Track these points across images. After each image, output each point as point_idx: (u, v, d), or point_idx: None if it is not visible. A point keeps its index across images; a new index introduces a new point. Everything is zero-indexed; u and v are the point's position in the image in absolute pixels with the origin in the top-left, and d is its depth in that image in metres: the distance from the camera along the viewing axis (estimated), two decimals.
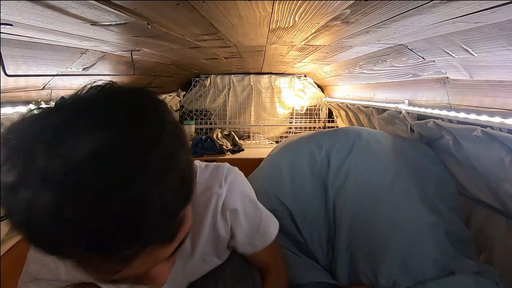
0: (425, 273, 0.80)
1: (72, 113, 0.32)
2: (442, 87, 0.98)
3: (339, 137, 1.07)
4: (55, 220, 0.28)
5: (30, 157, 0.29)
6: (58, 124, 0.31)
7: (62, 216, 0.28)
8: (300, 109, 2.67)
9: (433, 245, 0.84)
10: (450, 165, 1.09)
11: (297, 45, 1.11)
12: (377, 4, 0.55)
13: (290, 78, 2.60)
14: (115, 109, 0.33)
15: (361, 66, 1.38)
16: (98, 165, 0.29)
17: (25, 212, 0.29)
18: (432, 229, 0.86)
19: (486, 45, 0.67)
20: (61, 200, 0.28)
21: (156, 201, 0.31)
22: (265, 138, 2.76)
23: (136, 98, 0.36)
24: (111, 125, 0.31)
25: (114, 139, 0.30)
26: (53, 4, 0.50)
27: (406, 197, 0.91)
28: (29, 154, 0.29)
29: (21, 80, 0.85)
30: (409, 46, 0.92)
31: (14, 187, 0.29)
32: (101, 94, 0.35)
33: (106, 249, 0.30)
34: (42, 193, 0.28)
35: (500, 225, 0.93)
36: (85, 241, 0.29)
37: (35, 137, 0.30)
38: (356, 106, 1.77)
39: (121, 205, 0.29)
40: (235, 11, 0.62)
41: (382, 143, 1.07)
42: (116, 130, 0.31)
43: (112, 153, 0.30)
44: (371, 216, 0.90)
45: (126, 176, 0.29)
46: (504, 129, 0.78)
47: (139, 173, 0.30)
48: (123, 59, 1.22)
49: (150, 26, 0.69)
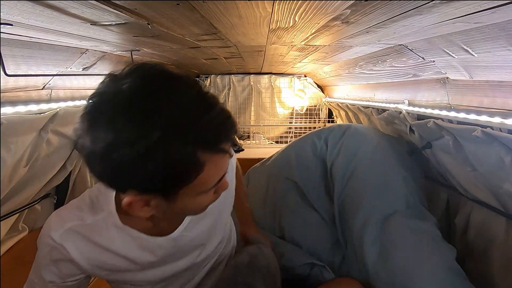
0: (395, 205, 1.06)
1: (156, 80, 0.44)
2: (442, 87, 0.98)
3: (333, 128, 1.38)
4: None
5: (148, 111, 0.41)
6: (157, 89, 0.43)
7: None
8: (300, 109, 2.67)
9: (403, 186, 1.10)
10: (450, 165, 1.09)
11: (297, 45, 1.11)
12: (377, 4, 0.55)
13: (290, 78, 2.60)
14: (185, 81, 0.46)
15: (361, 66, 1.38)
16: (198, 107, 0.44)
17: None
18: (404, 179, 1.12)
19: (486, 46, 0.67)
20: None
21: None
22: (265, 138, 2.76)
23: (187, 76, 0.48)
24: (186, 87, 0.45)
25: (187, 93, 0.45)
26: (53, 4, 0.50)
27: (385, 158, 1.19)
28: (151, 109, 0.41)
29: (21, 80, 0.85)
30: (409, 46, 0.92)
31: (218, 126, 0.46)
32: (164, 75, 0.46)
33: (229, 137, 0.48)
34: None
35: (500, 225, 0.93)
36: (226, 133, 0.47)
37: (145, 101, 0.41)
38: (356, 106, 1.77)
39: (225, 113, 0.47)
40: (235, 11, 0.62)
41: (368, 129, 1.37)
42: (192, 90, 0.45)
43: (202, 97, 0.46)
44: (356, 173, 1.16)
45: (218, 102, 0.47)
46: (504, 129, 0.78)
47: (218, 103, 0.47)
48: (123, 59, 1.22)
49: (150, 26, 0.69)
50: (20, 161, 0.88)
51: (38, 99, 0.95)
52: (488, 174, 0.91)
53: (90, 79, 1.18)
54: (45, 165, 1.04)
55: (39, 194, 1.09)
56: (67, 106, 1.03)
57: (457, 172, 1.07)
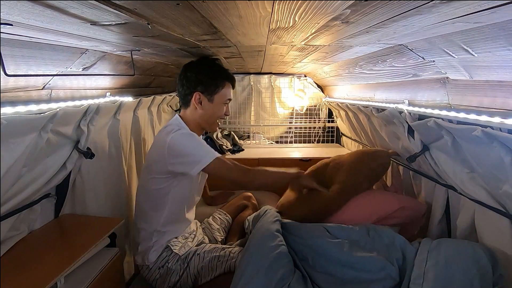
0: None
1: (210, 63, 1.28)
2: (442, 87, 0.98)
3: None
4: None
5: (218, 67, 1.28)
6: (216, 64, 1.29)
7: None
8: (300, 109, 2.67)
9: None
10: (450, 165, 1.10)
11: (297, 45, 1.11)
12: (377, 4, 0.55)
13: (290, 78, 2.60)
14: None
15: (361, 66, 1.38)
16: (223, 68, 1.30)
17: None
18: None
19: (486, 45, 0.67)
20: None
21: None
22: (265, 138, 2.76)
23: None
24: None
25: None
26: (53, 4, 0.50)
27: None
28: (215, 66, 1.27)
29: (21, 80, 0.85)
30: (409, 46, 0.92)
31: (226, 73, 1.27)
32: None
33: (232, 79, 1.28)
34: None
35: (501, 225, 0.93)
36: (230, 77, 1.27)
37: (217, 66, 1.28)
38: (356, 106, 1.77)
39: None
40: (235, 11, 0.62)
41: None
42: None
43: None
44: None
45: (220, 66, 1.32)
46: (504, 129, 0.77)
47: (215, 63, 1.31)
48: (123, 59, 1.22)
49: (150, 26, 0.69)
50: (20, 161, 0.88)
51: (38, 99, 0.95)
52: (488, 174, 0.91)
53: (90, 79, 1.18)
54: (45, 165, 1.04)
55: (39, 194, 1.09)
56: (67, 106, 1.03)
57: (457, 171, 1.07)
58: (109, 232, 1.15)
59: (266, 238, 1.09)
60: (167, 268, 1.19)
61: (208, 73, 1.21)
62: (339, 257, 1.04)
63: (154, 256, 1.19)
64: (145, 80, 1.72)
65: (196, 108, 1.20)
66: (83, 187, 1.25)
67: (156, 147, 1.18)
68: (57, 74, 0.95)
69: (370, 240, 1.11)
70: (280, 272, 0.94)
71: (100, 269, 1.07)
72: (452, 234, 1.20)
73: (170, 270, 1.19)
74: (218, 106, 1.23)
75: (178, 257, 1.20)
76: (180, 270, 1.19)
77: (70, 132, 1.11)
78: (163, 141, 1.12)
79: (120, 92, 1.44)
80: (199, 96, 1.18)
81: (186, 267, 1.19)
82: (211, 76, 1.20)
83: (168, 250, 1.20)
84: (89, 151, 1.18)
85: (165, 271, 1.19)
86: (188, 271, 1.19)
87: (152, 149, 1.23)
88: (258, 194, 1.82)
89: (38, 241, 1.07)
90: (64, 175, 1.15)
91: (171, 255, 1.20)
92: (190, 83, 1.19)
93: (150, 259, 1.19)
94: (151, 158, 1.21)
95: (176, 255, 1.20)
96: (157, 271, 1.19)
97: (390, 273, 0.97)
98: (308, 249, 1.10)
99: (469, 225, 1.07)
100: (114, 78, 1.34)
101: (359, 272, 1.00)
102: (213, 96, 1.20)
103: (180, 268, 1.19)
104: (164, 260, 1.19)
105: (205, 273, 1.18)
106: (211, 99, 1.20)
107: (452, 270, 0.90)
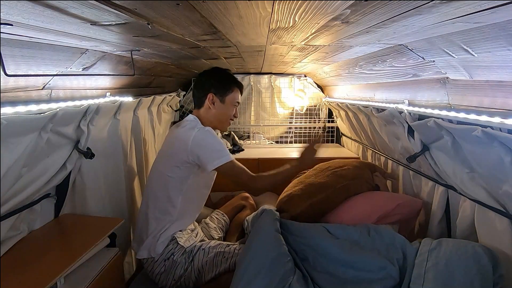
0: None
1: (222, 71, 1.41)
2: (442, 87, 0.98)
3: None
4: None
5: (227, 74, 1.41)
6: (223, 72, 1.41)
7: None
8: (300, 109, 2.67)
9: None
10: (450, 165, 1.10)
11: (297, 45, 1.11)
12: (377, 4, 0.55)
13: (290, 78, 2.60)
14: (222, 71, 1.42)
15: (361, 66, 1.38)
16: (232, 75, 1.43)
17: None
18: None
19: (486, 45, 0.67)
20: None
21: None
22: (265, 138, 2.76)
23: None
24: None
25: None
26: (53, 4, 0.50)
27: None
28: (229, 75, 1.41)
29: (21, 80, 0.85)
30: (409, 46, 0.92)
31: (236, 80, 1.42)
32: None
33: (240, 86, 1.42)
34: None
35: (502, 226, 0.93)
36: (238, 83, 1.42)
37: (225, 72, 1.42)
38: (356, 106, 1.77)
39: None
40: (235, 11, 0.62)
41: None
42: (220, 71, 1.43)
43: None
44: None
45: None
46: (504, 129, 0.78)
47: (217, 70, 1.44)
48: (123, 59, 1.22)
49: (150, 26, 0.69)
50: (20, 161, 0.88)
51: (38, 99, 0.95)
52: (488, 174, 0.91)
53: (90, 79, 1.18)
54: (45, 165, 1.04)
55: (39, 194, 1.09)
56: (67, 106, 1.03)
57: (456, 171, 1.07)
58: (109, 232, 1.15)
59: (266, 238, 1.09)
60: (173, 260, 1.21)
61: (220, 78, 1.37)
62: (340, 256, 1.04)
63: (161, 247, 1.22)
64: (145, 80, 1.72)
65: (210, 107, 1.34)
66: (83, 187, 1.25)
67: (177, 140, 1.25)
68: (57, 74, 0.95)
69: (371, 240, 1.11)
70: (280, 272, 0.94)
71: (100, 269, 1.07)
72: (452, 234, 1.20)
73: (175, 262, 1.21)
74: (229, 107, 1.37)
75: (184, 250, 1.23)
76: (185, 263, 1.22)
77: (70, 132, 1.11)
78: (186, 135, 1.21)
79: (120, 92, 1.44)
80: (212, 97, 1.33)
81: (191, 261, 1.22)
82: (222, 81, 1.36)
83: (175, 243, 1.23)
84: (89, 151, 1.18)
85: (171, 263, 1.21)
86: (193, 265, 1.22)
87: (169, 142, 1.33)
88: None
89: (38, 241, 1.07)
90: (64, 175, 1.15)
91: (177, 248, 1.23)
92: (204, 86, 1.35)
93: (157, 251, 1.21)
94: (170, 150, 1.28)
95: (182, 247, 1.23)
96: (162, 263, 1.22)
97: (390, 273, 0.97)
98: (308, 249, 1.10)
99: (469, 225, 1.07)
100: (114, 78, 1.34)
101: (359, 271, 1.00)
102: (224, 98, 1.35)
103: (185, 261, 1.22)
104: (170, 252, 1.22)
105: (209, 269, 1.21)
106: (223, 100, 1.35)
107: (452, 270, 0.90)
